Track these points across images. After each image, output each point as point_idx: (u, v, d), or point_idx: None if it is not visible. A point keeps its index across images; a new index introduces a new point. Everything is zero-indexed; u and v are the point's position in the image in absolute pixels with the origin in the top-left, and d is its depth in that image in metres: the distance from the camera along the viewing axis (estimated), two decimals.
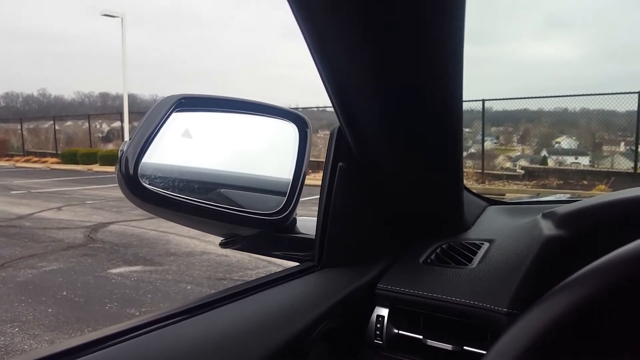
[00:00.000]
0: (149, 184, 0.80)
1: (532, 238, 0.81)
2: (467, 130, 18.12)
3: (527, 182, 14.98)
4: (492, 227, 1.03)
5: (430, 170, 0.84)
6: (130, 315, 4.35)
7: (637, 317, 0.35)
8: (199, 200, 0.87)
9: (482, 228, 1.03)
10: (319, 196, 0.90)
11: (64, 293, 4.97)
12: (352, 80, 0.67)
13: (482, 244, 0.92)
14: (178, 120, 0.85)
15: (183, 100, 0.85)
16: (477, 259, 0.86)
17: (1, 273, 5.65)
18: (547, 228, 0.80)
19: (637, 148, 13.49)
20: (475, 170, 15.53)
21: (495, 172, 16.18)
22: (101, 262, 6.05)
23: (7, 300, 4.74)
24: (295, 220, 1.06)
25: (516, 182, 15.21)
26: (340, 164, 0.87)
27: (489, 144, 17.92)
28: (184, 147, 0.92)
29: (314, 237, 0.92)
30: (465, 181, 0.96)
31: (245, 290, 0.76)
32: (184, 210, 0.84)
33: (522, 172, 15.97)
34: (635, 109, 12.96)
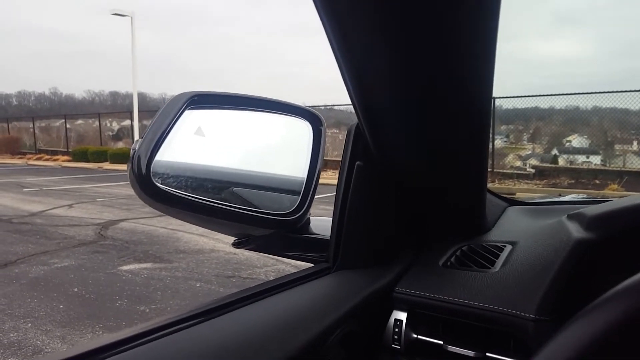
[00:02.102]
0: (162, 183, 0.79)
1: (559, 240, 0.77)
2: None
3: (537, 181, 14.85)
4: (514, 229, 0.99)
5: (453, 169, 0.81)
6: (140, 312, 4.39)
7: None
8: (211, 200, 0.85)
9: (503, 229, 1.00)
10: (334, 195, 0.87)
11: (75, 289, 5.02)
12: (374, 75, 0.64)
13: (505, 246, 0.89)
14: (191, 118, 0.84)
15: (196, 98, 0.83)
16: (499, 262, 0.83)
17: (14, 269, 5.71)
18: (575, 230, 0.76)
19: None
20: None
21: (505, 170, 16.05)
22: (112, 259, 6.10)
23: (20, 296, 4.80)
24: (308, 220, 1.04)
25: (526, 181, 15.09)
26: (357, 162, 0.84)
27: (499, 143, 17.77)
28: (196, 145, 0.90)
29: (328, 238, 0.90)
30: None
31: (260, 292, 0.74)
32: (196, 210, 0.83)
33: (533, 171, 15.83)
34: None
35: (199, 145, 0.91)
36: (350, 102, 0.74)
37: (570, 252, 0.72)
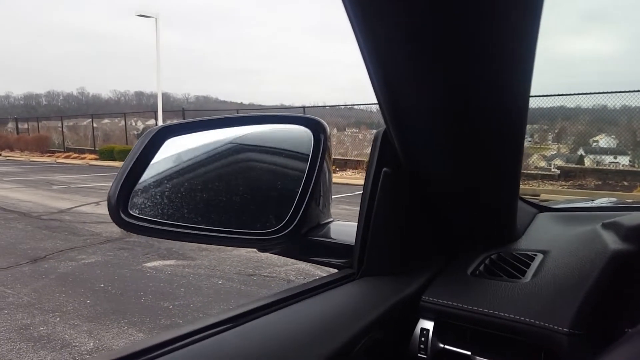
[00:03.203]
0: (139, 214, 0.85)
1: (595, 251, 0.73)
2: None
3: (562, 183, 14.56)
4: (545, 237, 0.96)
5: (485, 177, 0.78)
6: (164, 309, 4.47)
7: None
8: (190, 226, 0.88)
9: (533, 237, 0.96)
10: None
11: (102, 285, 5.15)
12: (403, 77, 0.62)
13: (535, 255, 0.86)
14: (176, 145, 0.87)
15: (166, 130, 0.87)
16: (530, 272, 0.80)
17: (44, 265, 5.90)
18: (612, 241, 0.72)
19: None
20: None
21: (529, 171, 15.78)
22: (137, 256, 6.23)
23: (50, 290, 4.95)
24: (330, 226, 1.04)
25: (551, 182, 14.81)
26: (384, 169, 0.82)
27: None
28: (179, 171, 0.92)
29: (352, 244, 0.88)
30: None
31: (285, 299, 0.73)
32: (176, 237, 0.88)
33: (558, 171, 15.52)
34: None
35: (183, 170, 0.93)
36: (369, 102, 0.71)
37: (607, 264, 0.69)
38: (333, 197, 1.08)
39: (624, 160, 16.78)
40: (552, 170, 16.37)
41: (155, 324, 4.15)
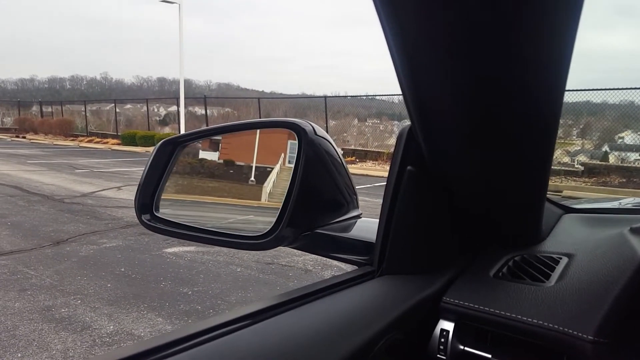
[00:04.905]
0: (157, 217, 1.10)
1: (623, 257, 0.72)
2: None
3: (586, 179, 14.26)
4: (570, 240, 0.94)
5: (513, 177, 0.76)
6: (183, 294, 4.54)
7: None
8: (194, 230, 1.07)
9: (559, 240, 0.94)
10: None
11: (122, 269, 5.25)
12: (432, 76, 0.60)
13: (561, 258, 0.85)
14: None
15: (168, 142, 1.13)
16: (555, 276, 0.79)
17: (66, 247, 6.03)
18: None
19: None
20: None
21: (552, 167, 15.46)
22: (157, 242, 6.32)
23: (71, 273, 5.07)
24: (355, 221, 1.04)
25: (574, 178, 14.51)
26: (408, 167, 0.81)
27: None
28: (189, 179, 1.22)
29: (373, 241, 0.88)
30: None
31: (304, 296, 0.73)
32: (183, 238, 1.08)
33: (582, 168, 15.21)
34: None
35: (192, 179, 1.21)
36: (391, 93, 0.70)
37: (636, 271, 0.67)
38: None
39: None
40: (576, 166, 16.05)
41: (174, 309, 4.21)
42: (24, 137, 33.89)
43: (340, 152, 1.01)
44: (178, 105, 24.48)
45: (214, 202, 1.26)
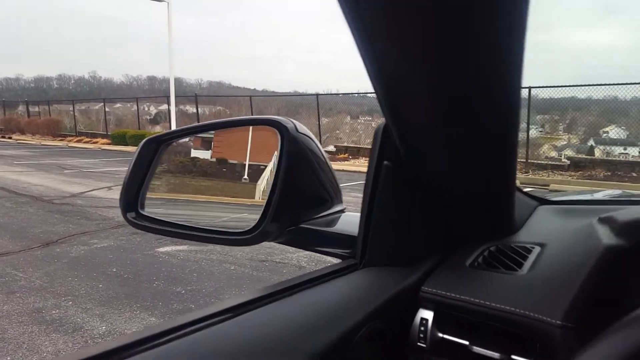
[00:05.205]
0: (142, 215, 1.12)
1: (589, 246, 0.75)
2: None
3: (572, 173, 14.41)
4: (543, 230, 0.98)
5: (481, 170, 0.80)
6: (176, 293, 4.54)
7: None
8: (178, 227, 1.08)
9: (532, 230, 0.98)
10: (362, 192, 0.90)
11: (114, 270, 5.23)
12: (396, 74, 0.63)
13: (533, 247, 0.88)
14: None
15: (151, 141, 1.14)
16: (527, 265, 0.82)
17: (56, 249, 5.99)
18: (606, 236, 0.74)
19: None
20: (519, 160, 15.06)
21: (539, 161, 15.64)
22: (149, 241, 6.30)
23: (62, 274, 5.04)
24: (339, 215, 1.07)
25: (561, 172, 14.66)
26: (385, 162, 0.85)
27: (533, 133, 17.29)
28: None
29: (356, 235, 0.91)
30: None
31: (288, 289, 0.75)
32: (170, 235, 1.11)
33: (568, 162, 15.36)
34: None
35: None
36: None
37: (600, 259, 0.70)
38: (347, 185, 1.12)
39: (633, 152, 16.63)
40: (562, 160, 16.23)
41: (168, 309, 4.21)
42: (10, 138, 33.46)
43: (322, 149, 1.04)
44: (169, 104, 24.31)
45: (208, 200, 1.27)
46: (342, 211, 1.09)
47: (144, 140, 1.14)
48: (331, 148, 20.13)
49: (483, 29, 0.53)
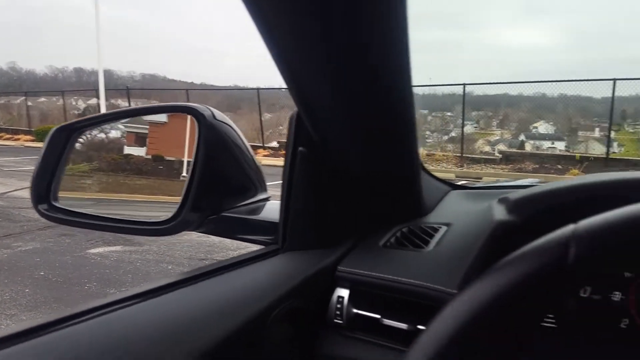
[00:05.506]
0: (54, 206, 1.06)
1: (485, 222, 0.83)
2: (448, 114, 18.33)
3: (504, 166, 15.23)
4: (451, 211, 1.06)
5: (384, 157, 0.86)
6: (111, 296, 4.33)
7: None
8: (99, 218, 1.05)
9: (442, 212, 1.06)
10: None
11: (42, 273, 4.93)
12: (302, 66, 0.68)
13: (440, 227, 0.95)
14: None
15: (63, 129, 1.07)
16: (433, 242, 0.89)
17: None
18: (500, 213, 0.82)
19: (609, 134, 13.81)
20: (454, 154, 15.70)
21: (474, 155, 16.38)
22: (79, 242, 5.99)
23: None
24: (265, 203, 1.09)
25: (493, 165, 15.44)
26: (300, 148, 0.87)
27: (469, 128, 18.12)
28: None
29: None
30: (444, 165, 0.99)
31: (206, 273, 0.77)
32: (84, 227, 1.08)
33: (500, 156, 16.22)
34: (611, 95, 13.18)
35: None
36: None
37: (491, 234, 0.77)
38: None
39: (560, 146, 17.79)
40: (495, 154, 17.07)
41: None
42: None
43: (244, 137, 1.05)
44: (98, 98, 23.11)
45: (144, 200, 1.22)
46: (267, 199, 1.12)
47: (53, 129, 1.08)
48: (274, 144, 19.96)
49: (367, 32, 0.59)
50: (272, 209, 1.04)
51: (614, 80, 12.93)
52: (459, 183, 1.28)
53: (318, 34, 0.59)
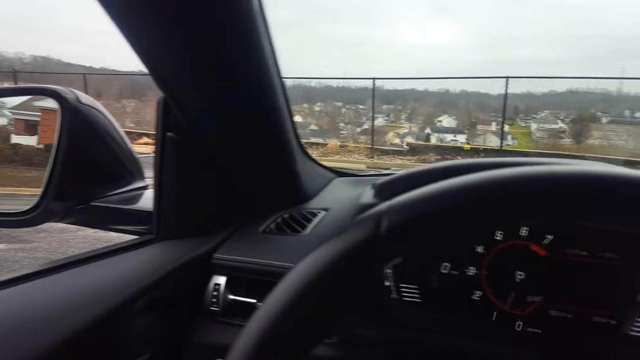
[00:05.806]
0: None
1: (355, 206, 0.87)
2: (361, 107, 18.91)
3: (410, 157, 15.96)
4: (332, 197, 1.09)
5: (253, 141, 0.86)
6: None
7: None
8: None
9: (323, 198, 1.09)
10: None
11: None
12: (159, 52, 0.66)
13: (319, 212, 0.98)
14: None
15: None
16: (310, 227, 0.91)
17: None
18: (366, 197, 0.87)
19: (503, 127, 15.01)
20: (365, 146, 16.20)
21: (384, 147, 17.00)
22: None
23: None
24: (142, 193, 1.05)
25: (401, 157, 16.14)
26: (168, 134, 0.85)
27: (380, 121, 18.80)
28: None
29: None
30: (356, 156, 1.01)
31: (73, 262, 0.74)
32: None
33: (407, 148, 17.00)
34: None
35: None
36: None
37: (355, 215, 0.82)
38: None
39: (461, 139, 19.04)
40: (404, 146, 17.84)
41: None
42: None
43: (115, 122, 0.98)
44: None
45: (34, 194, 1.12)
46: (145, 187, 1.07)
47: None
48: None
49: (220, 15, 0.60)
50: (150, 198, 0.99)
51: (507, 78, 13.99)
52: (345, 172, 1.32)
53: (170, 17, 0.58)
